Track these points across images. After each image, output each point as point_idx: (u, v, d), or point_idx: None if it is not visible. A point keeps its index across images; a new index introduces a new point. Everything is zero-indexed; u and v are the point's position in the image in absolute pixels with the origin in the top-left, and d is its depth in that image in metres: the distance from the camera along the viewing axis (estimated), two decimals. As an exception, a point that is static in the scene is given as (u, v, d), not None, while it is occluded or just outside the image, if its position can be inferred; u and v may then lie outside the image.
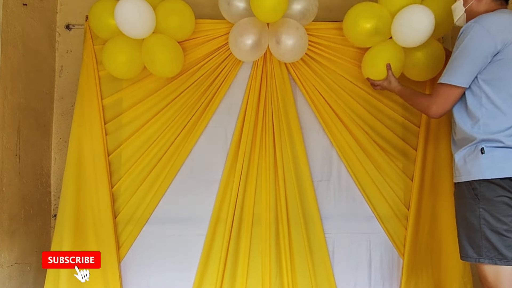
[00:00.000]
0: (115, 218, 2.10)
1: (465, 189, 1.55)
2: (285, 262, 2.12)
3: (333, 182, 2.25)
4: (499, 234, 1.47)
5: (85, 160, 2.07)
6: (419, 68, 2.09)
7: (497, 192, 1.47)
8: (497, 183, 1.47)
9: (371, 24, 1.98)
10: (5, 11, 1.93)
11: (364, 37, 2.03)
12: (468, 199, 1.54)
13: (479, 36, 1.49)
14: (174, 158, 2.16)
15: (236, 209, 2.14)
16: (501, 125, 1.49)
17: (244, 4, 2.03)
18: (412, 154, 2.23)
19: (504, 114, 1.49)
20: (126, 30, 1.92)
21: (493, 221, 1.47)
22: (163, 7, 2.00)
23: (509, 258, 1.46)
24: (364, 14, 2.00)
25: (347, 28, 2.07)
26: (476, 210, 1.50)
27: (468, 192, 1.53)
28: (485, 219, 1.48)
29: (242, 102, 2.22)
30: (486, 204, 1.49)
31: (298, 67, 2.21)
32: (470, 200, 1.53)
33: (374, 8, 2.01)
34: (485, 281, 1.53)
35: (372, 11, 2.00)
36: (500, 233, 1.47)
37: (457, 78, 1.54)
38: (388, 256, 2.22)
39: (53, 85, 2.39)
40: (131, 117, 2.17)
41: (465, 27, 1.54)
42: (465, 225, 1.56)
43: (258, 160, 2.18)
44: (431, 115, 1.67)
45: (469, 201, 1.53)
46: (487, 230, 1.48)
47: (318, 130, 2.25)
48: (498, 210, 1.47)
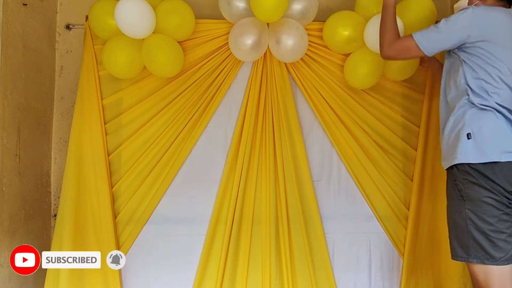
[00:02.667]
0: (115, 218, 2.10)
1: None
2: (285, 262, 2.12)
3: (333, 182, 2.25)
4: (485, 235, 1.48)
5: (85, 160, 2.08)
6: (395, 71, 2.13)
7: (482, 193, 1.49)
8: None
9: (349, 31, 2.04)
10: (5, 11, 1.93)
11: (343, 44, 2.08)
12: (455, 200, 1.56)
13: (464, 20, 1.54)
14: (174, 158, 2.16)
15: (236, 209, 2.14)
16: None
17: (244, 4, 2.03)
18: (412, 154, 2.23)
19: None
20: (126, 30, 1.92)
21: (479, 222, 1.49)
22: (163, 7, 2.00)
23: (497, 258, 1.47)
24: (342, 22, 2.06)
25: (326, 36, 2.12)
26: (462, 211, 1.52)
27: (454, 193, 1.57)
28: (471, 219, 1.50)
29: (242, 102, 2.22)
30: (471, 205, 1.50)
31: (298, 67, 2.21)
32: (457, 201, 1.55)
33: (351, 16, 2.07)
34: (475, 280, 1.54)
35: (349, 19, 2.06)
36: (486, 234, 1.48)
37: (425, 42, 1.60)
38: (388, 256, 2.22)
39: (53, 85, 2.39)
40: (131, 117, 2.17)
41: (465, 7, 1.59)
42: (454, 226, 1.58)
43: (258, 160, 2.18)
44: (382, 52, 1.72)
45: (456, 202, 1.56)
46: (473, 230, 1.50)
47: (318, 130, 2.25)
48: (483, 211, 1.48)
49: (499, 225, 1.47)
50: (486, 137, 1.49)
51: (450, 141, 1.60)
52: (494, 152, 1.47)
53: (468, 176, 1.52)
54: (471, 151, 1.50)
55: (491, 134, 1.49)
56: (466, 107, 1.55)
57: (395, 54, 1.70)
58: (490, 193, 1.48)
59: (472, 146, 1.50)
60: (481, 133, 1.50)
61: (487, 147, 1.48)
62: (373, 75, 2.11)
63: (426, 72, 2.24)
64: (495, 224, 1.47)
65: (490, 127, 1.50)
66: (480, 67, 1.54)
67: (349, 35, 2.04)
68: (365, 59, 2.08)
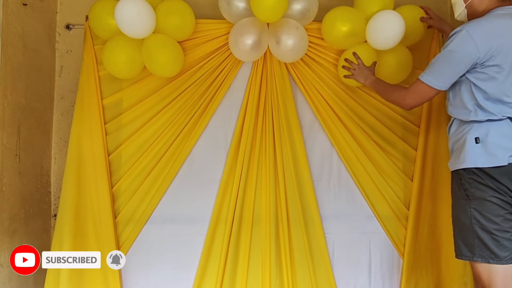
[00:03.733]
0: (115, 218, 2.10)
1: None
2: (285, 262, 2.12)
3: (333, 182, 2.25)
4: (490, 234, 1.48)
5: (85, 160, 2.07)
6: (389, 72, 2.13)
7: (487, 192, 1.49)
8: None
9: (347, 27, 2.04)
10: (5, 11, 1.93)
11: (341, 39, 2.08)
12: (460, 199, 1.56)
13: (463, 43, 1.51)
14: (174, 158, 2.16)
15: (236, 209, 2.14)
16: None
17: (244, 4, 2.03)
18: (412, 154, 2.23)
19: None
20: (126, 30, 1.92)
21: (484, 221, 1.49)
22: (163, 7, 2.00)
23: (501, 257, 1.48)
24: (341, 18, 2.06)
25: (325, 31, 2.12)
26: (467, 210, 1.52)
27: (459, 192, 1.57)
28: (476, 218, 1.50)
29: (242, 102, 2.22)
30: (477, 204, 1.51)
31: (298, 67, 2.21)
32: (462, 200, 1.55)
33: (350, 12, 2.08)
34: (479, 279, 1.55)
35: (348, 15, 2.07)
36: (491, 233, 1.48)
37: (436, 80, 1.58)
38: (388, 256, 2.22)
39: (53, 85, 2.39)
40: (131, 117, 2.17)
41: (455, 31, 1.55)
42: (458, 225, 1.58)
43: (258, 160, 2.18)
44: (404, 106, 1.73)
45: (461, 201, 1.56)
46: (478, 229, 1.50)
47: (318, 130, 2.25)
48: (488, 210, 1.49)
49: (504, 224, 1.48)
50: (495, 142, 1.49)
51: (456, 142, 1.60)
52: (505, 156, 1.47)
53: (474, 176, 1.52)
54: (480, 156, 1.50)
55: (500, 138, 1.49)
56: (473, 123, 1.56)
57: (414, 102, 1.68)
58: (496, 193, 1.48)
59: (481, 150, 1.50)
60: (489, 138, 1.50)
61: (498, 152, 1.48)
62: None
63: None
64: (500, 223, 1.48)
65: (497, 132, 1.50)
66: (488, 86, 1.51)
67: (348, 30, 2.04)
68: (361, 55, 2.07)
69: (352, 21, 2.05)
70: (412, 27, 2.05)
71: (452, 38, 1.54)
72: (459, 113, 1.60)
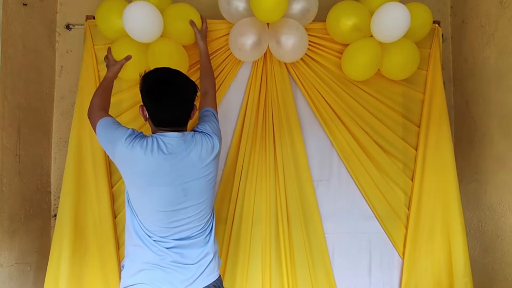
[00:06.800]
0: (115, 218, 2.10)
1: None
2: (285, 262, 2.12)
3: (333, 182, 2.25)
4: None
5: (85, 160, 2.07)
6: (396, 68, 2.13)
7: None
8: None
9: (352, 21, 2.04)
10: (5, 11, 1.93)
11: (346, 33, 2.07)
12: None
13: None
14: (174, 158, 2.15)
15: (236, 209, 2.14)
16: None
17: (244, 4, 2.03)
18: (412, 154, 2.23)
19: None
20: (134, 35, 1.92)
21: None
22: (171, 12, 2.00)
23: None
24: (346, 12, 2.06)
25: (330, 25, 2.11)
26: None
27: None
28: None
29: (242, 102, 2.22)
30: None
31: (298, 67, 2.21)
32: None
33: (355, 6, 2.07)
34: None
35: (353, 9, 2.06)
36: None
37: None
38: (388, 256, 2.22)
39: (53, 85, 2.39)
40: (131, 117, 2.17)
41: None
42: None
43: (258, 160, 2.18)
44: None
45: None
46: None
47: (318, 130, 2.25)
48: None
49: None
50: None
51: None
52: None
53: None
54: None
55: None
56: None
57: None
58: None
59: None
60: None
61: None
62: (371, 66, 2.09)
63: (426, 72, 2.24)
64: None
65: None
66: None
67: (353, 24, 2.03)
68: (364, 50, 2.07)
69: (357, 15, 2.04)
70: (417, 22, 2.03)
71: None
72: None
